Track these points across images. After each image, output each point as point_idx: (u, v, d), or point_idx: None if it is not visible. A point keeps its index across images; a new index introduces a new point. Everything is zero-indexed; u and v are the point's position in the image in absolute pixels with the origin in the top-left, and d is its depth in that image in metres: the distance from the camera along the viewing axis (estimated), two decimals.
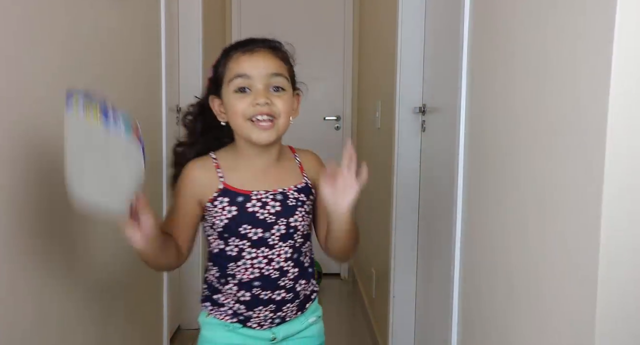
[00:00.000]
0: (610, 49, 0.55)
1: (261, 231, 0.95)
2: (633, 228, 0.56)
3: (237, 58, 0.93)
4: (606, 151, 0.56)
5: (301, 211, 0.98)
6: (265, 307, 0.98)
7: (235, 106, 0.92)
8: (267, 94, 0.92)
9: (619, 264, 0.57)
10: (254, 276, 0.96)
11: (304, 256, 1.01)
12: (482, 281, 0.98)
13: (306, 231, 1.01)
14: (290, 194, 0.98)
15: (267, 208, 0.95)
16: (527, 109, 0.78)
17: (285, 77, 0.95)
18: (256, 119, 0.91)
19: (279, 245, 0.97)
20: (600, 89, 0.57)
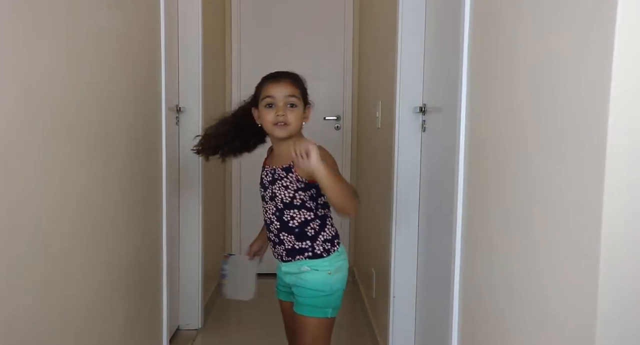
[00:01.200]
0: (611, 49, 0.55)
1: (263, 191, 1.52)
2: (634, 228, 0.56)
3: (269, 85, 1.47)
4: (607, 151, 0.56)
5: (279, 183, 1.45)
6: (270, 242, 1.53)
7: (266, 115, 1.45)
8: (284, 109, 1.44)
9: (619, 264, 0.57)
10: (264, 219, 1.53)
11: (287, 217, 1.46)
12: (482, 281, 0.98)
13: (287, 200, 1.44)
14: (277, 171, 1.46)
15: (267, 177, 1.50)
16: (527, 109, 0.78)
17: (297, 97, 1.46)
18: (277, 124, 1.43)
19: (269, 203, 1.49)
20: (601, 89, 0.57)
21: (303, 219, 1.46)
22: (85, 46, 1.12)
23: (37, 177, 0.93)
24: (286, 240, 1.47)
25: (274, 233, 1.48)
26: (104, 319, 1.25)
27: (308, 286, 1.45)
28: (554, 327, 0.69)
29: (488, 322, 0.94)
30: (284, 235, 1.47)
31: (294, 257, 1.47)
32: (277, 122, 1.43)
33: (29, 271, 0.91)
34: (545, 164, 0.71)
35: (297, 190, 1.44)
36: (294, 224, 1.46)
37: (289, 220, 1.46)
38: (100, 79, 1.21)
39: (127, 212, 1.40)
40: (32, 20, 0.91)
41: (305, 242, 1.46)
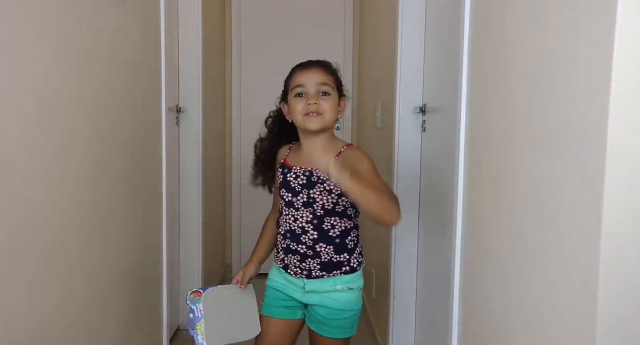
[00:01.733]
0: (611, 49, 0.55)
1: (290, 196, 1.31)
2: (634, 228, 0.56)
3: (298, 74, 1.32)
4: (607, 151, 0.56)
5: (319, 187, 1.28)
6: (293, 256, 1.33)
7: (295, 105, 1.29)
8: (316, 97, 1.27)
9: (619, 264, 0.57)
10: (287, 229, 1.33)
11: (327, 225, 1.29)
12: (482, 281, 0.98)
13: (329, 206, 1.28)
14: (315, 172, 1.29)
15: (297, 180, 1.31)
16: (527, 109, 0.78)
17: (330, 85, 1.30)
18: (308, 114, 1.27)
19: (302, 209, 1.30)
20: (601, 89, 0.57)
21: (344, 228, 1.30)
22: (85, 46, 1.12)
23: (36, 177, 0.93)
24: (324, 251, 1.29)
25: (307, 244, 1.29)
26: (104, 318, 1.25)
27: (341, 307, 1.31)
28: (554, 327, 0.69)
29: (488, 322, 0.94)
30: (322, 246, 1.29)
31: (329, 272, 1.30)
32: (308, 112, 1.26)
33: (29, 271, 0.91)
34: (546, 164, 0.71)
35: (340, 195, 1.28)
36: (334, 233, 1.30)
37: (330, 228, 1.29)
38: (100, 79, 1.21)
39: (127, 212, 1.40)
40: (32, 20, 0.91)
41: (343, 254, 1.30)
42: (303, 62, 1.36)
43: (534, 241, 0.75)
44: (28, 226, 0.91)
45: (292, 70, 1.36)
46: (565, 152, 0.65)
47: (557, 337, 0.68)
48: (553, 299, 0.69)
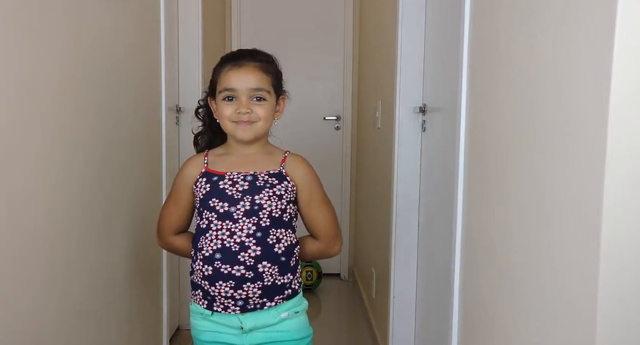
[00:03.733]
0: (611, 48, 0.55)
1: (227, 205, 1.08)
2: (634, 228, 0.56)
3: (227, 72, 1.11)
4: (607, 150, 0.55)
5: (268, 191, 1.09)
6: (225, 282, 1.06)
7: (223, 110, 1.11)
8: (248, 104, 1.09)
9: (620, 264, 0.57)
10: (217, 247, 1.07)
11: (272, 239, 1.08)
12: (482, 281, 0.98)
13: (277, 214, 1.09)
14: (260, 176, 1.11)
15: (236, 186, 1.09)
16: (527, 109, 0.78)
17: (266, 90, 1.11)
18: (238, 122, 1.10)
19: (242, 220, 1.07)
20: (601, 89, 0.57)
21: (289, 243, 1.10)
22: (85, 46, 1.12)
23: (36, 177, 0.93)
24: (267, 272, 1.06)
25: (247, 264, 1.05)
26: (105, 318, 1.25)
27: (294, 336, 1.12)
28: (554, 327, 0.69)
29: (488, 322, 0.94)
30: (265, 265, 1.06)
31: (271, 299, 1.09)
32: (238, 121, 1.09)
33: (29, 271, 0.91)
34: (546, 164, 0.71)
35: (289, 202, 1.11)
36: (280, 248, 1.08)
37: (275, 243, 1.08)
38: (100, 79, 1.21)
39: (127, 211, 1.40)
40: (31, 20, 0.91)
41: (287, 275, 1.10)
42: (234, 53, 1.15)
43: (534, 241, 0.75)
44: (28, 226, 0.91)
45: (221, 63, 1.14)
46: (565, 152, 0.65)
47: (557, 337, 0.68)
48: (553, 298, 0.69)
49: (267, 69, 1.13)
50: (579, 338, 0.62)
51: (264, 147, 1.17)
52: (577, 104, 0.63)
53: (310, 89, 3.19)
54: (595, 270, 0.58)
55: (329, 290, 3.07)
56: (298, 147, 1.29)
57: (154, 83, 1.63)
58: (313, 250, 1.19)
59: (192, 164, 1.17)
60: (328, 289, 3.07)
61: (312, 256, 1.20)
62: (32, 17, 0.91)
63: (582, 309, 0.61)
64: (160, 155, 1.69)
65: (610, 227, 0.56)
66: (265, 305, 1.09)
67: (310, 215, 1.15)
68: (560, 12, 0.68)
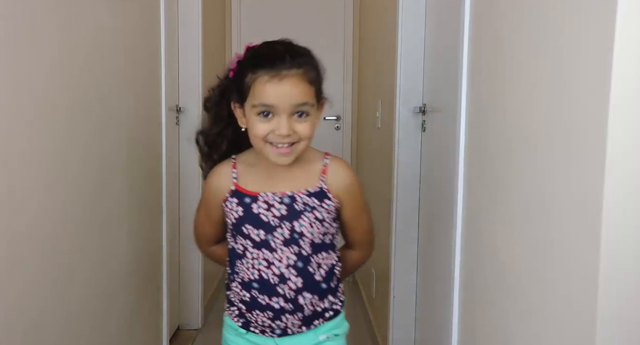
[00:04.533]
0: (611, 48, 0.55)
1: (263, 233, 0.97)
2: (634, 228, 0.56)
3: (264, 84, 0.90)
4: (607, 151, 0.55)
5: (309, 217, 0.96)
6: (262, 312, 0.99)
7: (257, 130, 0.92)
8: (290, 124, 0.91)
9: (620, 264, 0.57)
10: (254, 277, 0.98)
11: (313, 267, 0.97)
12: (482, 281, 0.98)
13: (319, 240, 0.98)
14: (298, 198, 0.97)
15: (272, 210, 0.96)
16: (527, 109, 0.78)
17: (310, 104, 0.93)
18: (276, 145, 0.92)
19: (281, 250, 0.96)
20: (601, 88, 0.57)
21: (330, 266, 1.01)
22: (84, 46, 1.12)
23: (36, 177, 0.93)
24: (308, 303, 0.99)
25: (287, 297, 0.97)
26: (105, 318, 1.25)
27: None
28: (554, 327, 0.69)
29: (488, 322, 0.94)
30: (306, 296, 0.98)
31: (309, 325, 1.01)
32: (275, 143, 0.92)
33: (29, 272, 0.91)
34: (545, 164, 0.71)
35: (331, 222, 1.00)
36: (320, 275, 0.99)
37: (315, 271, 0.98)
38: (99, 79, 1.21)
39: (127, 212, 1.40)
40: (31, 20, 0.91)
41: (327, 299, 1.02)
42: (268, 54, 0.93)
43: (534, 241, 0.75)
44: (28, 226, 0.91)
45: (252, 67, 0.92)
46: (565, 152, 0.65)
47: (557, 336, 0.68)
48: (553, 298, 0.69)
49: (312, 78, 0.93)
50: (579, 338, 0.62)
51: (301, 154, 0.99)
52: (577, 104, 0.63)
53: None
54: (595, 269, 0.57)
55: None
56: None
57: (154, 83, 1.63)
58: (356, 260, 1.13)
59: (221, 176, 1.03)
60: None
61: (354, 268, 1.15)
62: (32, 16, 0.91)
63: (582, 309, 0.61)
64: (160, 155, 1.69)
65: (610, 226, 0.56)
66: (304, 330, 1.02)
67: (350, 225, 1.06)
68: (560, 12, 0.68)
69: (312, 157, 1.01)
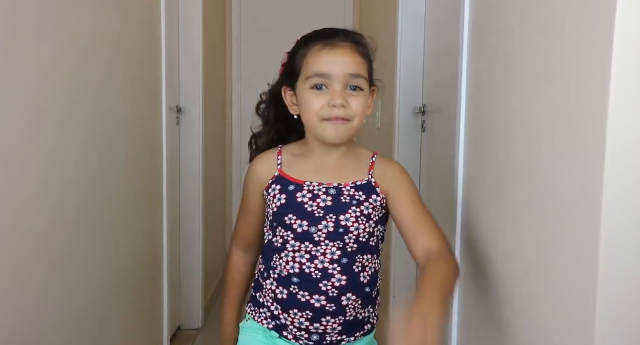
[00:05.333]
0: (610, 48, 0.55)
1: (306, 224, 0.90)
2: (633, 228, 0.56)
3: (317, 53, 0.89)
4: (606, 151, 0.56)
5: (355, 211, 0.90)
6: (300, 312, 0.90)
7: (311, 103, 0.89)
8: (344, 95, 0.88)
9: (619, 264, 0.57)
10: (294, 271, 0.90)
11: (358, 266, 0.91)
12: (482, 281, 0.98)
13: (364, 238, 0.91)
14: (345, 190, 0.91)
15: (317, 201, 0.91)
16: (526, 109, 0.78)
17: (364, 77, 0.91)
18: (331, 118, 0.89)
19: (325, 243, 0.90)
20: (600, 88, 0.57)
21: (374, 270, 0.95)
22: (85, 46, 1.12)
23: (37, 177, 0.93)
24: (351, 306, 0.91)
25: (329, 295, 0.89)
26: (105, 318, 1.26)
27: None
28: (553, 327, 0.69)
29: (488, 322, 0.94)
30: (350, 298, 0.91)
31: (350, 334, 0.94)
32: (331, 117, 0.89)
33: (30, 271, 0.91)
34: (545, 163, 0.71)
35: (378, 222, 0.94)
36: (365, 278, 0.93)
37: (360, 270, 0.92)
38: (100, 79, 1.21)
39: (128, 212, 1.40)
40: (31, 20, 0.91)
41: (368, 308, 0.95)
42: (325, 31, 0.93)
43: (534, 241, 0.75)
44: (28, 226, 0.91)
45: (306, 42, 0.93)
46: (565, 152, 0.66)
47: (556, 336, 0.68)
48: (553, 298, 0.69)
49: (364, 52, 0.93)
50: (578, 338, 0.62)
51: (349, 147, 0.97)
52: (576, 103, 0.63)
53: None
54: (595, 269, 0.58)
55: None
56: None
57: (154, 83, 1.64)
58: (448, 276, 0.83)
59: (264, 161, 0.99)
60: None
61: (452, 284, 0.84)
62: (32, 17, 0.91)
63: (582, 309, 0.61)
64: (161, 156, 1.69)
65: (609, 226, 0.57)
66: (342, 341, 0.93)
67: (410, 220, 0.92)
68: (559, 12, 0.68)
69: (360, 153, 0.99)
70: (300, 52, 0.93)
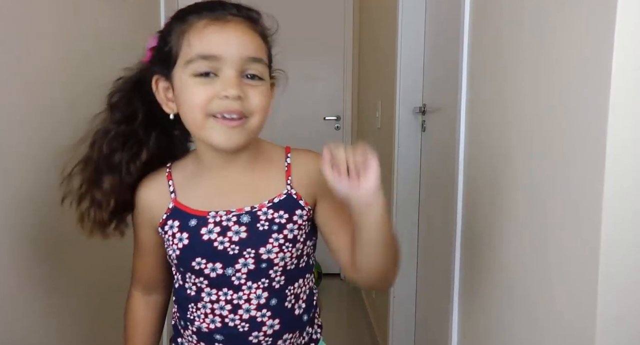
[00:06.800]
0: (611, 49, 0.55)
1: (220, 266, 0.73)
2: (633, 228, 0.56)
3: (202, 30, 0.67)
4: (607, 151, 0.56)
5: (278, 239, 0.72)
6: None
7: (194, 96, 0.67)
8: (240, 84, 0.67)
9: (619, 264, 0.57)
10: (215, 326, 0.75)
11: (290, 301, 0.76)
12: (482, 281, 0.98)
13: (292, 265, 0.75)
14: (261, 214, 0.73)
15: (228, 235, 0.73)
16: (526, 109, 0.78)
17: (265, 63, 0.71)
18: (222, 116, 0.67)
19: (247, 286, 0.73)
20: (601, 88, 0.57)
21: (308, 292, 0.80)
22: (84, 46, 1.12)
23: (37, 177, 0.93)
24: (289, 343, 0.78)
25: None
26: (105, 318, 1.26)
27: None
28: (553, 327, 0.69)
29: (488, 322, 0.94)
30: (287, 338, 0.77)
31: None
32: (222, 112, 0.67)
33: (29, 271, 0.91)
34: (545, 164, 0.71)
35: (306, 240, 0.77)
36: (300, 308, 0.78)
37: (293, 304, 0.77)
38: (100, 79, 1.21)
39: None
40: (32, 20, 0.91)
41: (306, 331, 0.81)
42: (212, 2, 0.70)
43: (534, 241, 0.75)
44: (28, 226, 0.91)
45: (186, 15, 0.70)
46: (565, 152, 0.66)
47: (557, 336, 0.68)
48: (553, 299, 0.69)
49: (263, 32, 0.73)
50: (578, 338, 0.62)
51: (256, 148, 0.77)
52: (576, 104, 0.63)
53: (310, 89, 3.19)
54: (595, 269, 0.58)
55: (329, 290, 3.07)
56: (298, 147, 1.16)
57: None
58: None
59: (152, 187, 0.78)
60: (328, 289, 3.07)
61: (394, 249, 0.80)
62: (32, 17, 0.91)
63: (582, 309, 0.61)
64: None
65: (609, 227, 0.57)
66: None
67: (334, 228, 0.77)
68: (560, 12, 0.68)
69: (270, 154, 0.79)
70: (177, 29, 0.70)
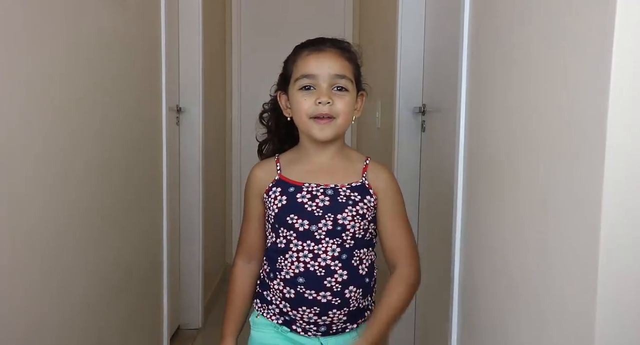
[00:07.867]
0: (611, 49, 0.55)
1: (307, 223, 0.98)
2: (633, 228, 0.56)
3: (306, 57, 1.00)
4: (606, 151, 0.56)
5: (351, 210, 0.98)
6: (309, 308, 0.98)
7: (300, 103, 0.98)
8: (329, 93, 0.97)
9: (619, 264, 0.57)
10: (299, 271, 0.97)
11: (356, 260, 0.99)
12: (482, 281, 0.98)
13: (360, 234, 0.99)
14: (341, 191, 0.99)
15: (316, 201, 0.98)
16: (526, 109, 0.78)
17: (349, 79, 1.00)
18: (319, 117, 0.97)
19: (325, 241, 0.98)
20: (600, 88, 0.57)
21: (370, 262, 1.03)
22: (85, 46, 1.12)
23: (37, 177, 0.93)
24: (353, 297, 0.99)
25: (334, 290, 0.97)
26: (105, 318, 1.26)
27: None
28: (553, 326, 0.69)
29: (488, 322, 0.94)
30: (352, 290, 0.99)
31: (354, 322, 1.02)
32: (317, 115, 0.97)
33: (30, 271, 0.91)
34: (545, 163, 0.71)
35: (371, 221, 1.02)
36: (363, 270, 1.01)
37: (358, 264, 1.00)
38: (100, 79, 1.21)
39: (128, 212, 1.40)
40: (32, 20, 0.91)
41: (367, 297, 1.03)
42: (313, 39, 1.04)
43: (534, 241, 0.75)
44: (29, 226, 0.91)
45: (297, 49, 1.04)
46: (565, 151, 0.66)
47: (557, 336, 0.68)
48: (553, 298, 0.69)
49: (350, 57, 1.03)
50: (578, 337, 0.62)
51: (342, 150, 1.05)
52: (576, 104, 0.63)
53: None
54: (594, 269, 0.58)
55: None
56: None
57: (154, 83, 1.64)
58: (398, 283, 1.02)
59: (263, 168, 1.07)
60: None
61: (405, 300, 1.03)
62: (32, 17, 0.91)
63: (582, 309, 0.61)
64: (161, 155, 1.70)
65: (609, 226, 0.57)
66: (347, 328, 1.02)
67: (388, 228, 1.03)
68: (560, 11, 0.68)
69: (354, 157, 1.07)
70: (292, 58, 1.04)
